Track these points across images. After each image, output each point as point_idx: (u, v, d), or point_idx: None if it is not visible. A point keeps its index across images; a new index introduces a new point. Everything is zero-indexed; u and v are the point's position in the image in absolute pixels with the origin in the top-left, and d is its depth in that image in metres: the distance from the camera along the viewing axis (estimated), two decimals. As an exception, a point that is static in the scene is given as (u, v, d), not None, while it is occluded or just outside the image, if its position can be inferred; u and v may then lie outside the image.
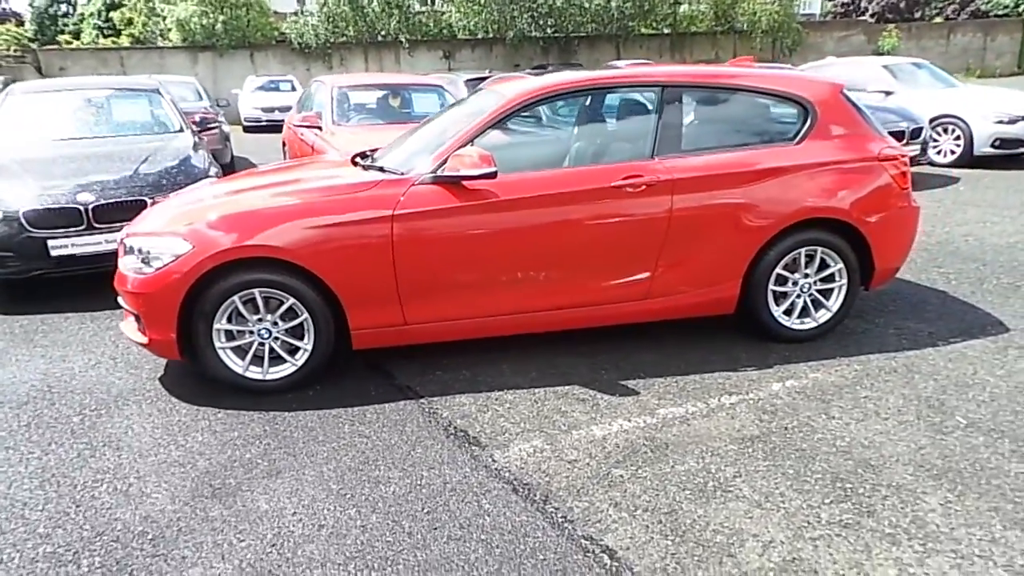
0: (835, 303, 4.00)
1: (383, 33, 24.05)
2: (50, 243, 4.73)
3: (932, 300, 4.66)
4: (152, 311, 3.34)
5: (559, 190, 3.57)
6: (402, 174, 3.55)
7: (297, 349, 3.50)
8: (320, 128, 7.00)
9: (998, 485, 2.65)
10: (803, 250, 3.87)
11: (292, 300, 3.39)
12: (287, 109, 13.09)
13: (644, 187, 3.60)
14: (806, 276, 3.93)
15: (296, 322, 3.45)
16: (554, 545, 2.38)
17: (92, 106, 6.44)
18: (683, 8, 26.87)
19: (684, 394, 3.44)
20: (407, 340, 3.64)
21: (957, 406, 3.25)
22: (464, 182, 3.45)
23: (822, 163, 3.83)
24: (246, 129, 18.88)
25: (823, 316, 4.01)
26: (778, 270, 3.86)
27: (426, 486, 2.73)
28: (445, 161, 3.45)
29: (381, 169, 3.72)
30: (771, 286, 3.88)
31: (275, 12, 26.03)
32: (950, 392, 3.39)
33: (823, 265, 3.94)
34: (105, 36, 31.04)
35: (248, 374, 3.47)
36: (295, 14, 24.41)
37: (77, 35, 35.09)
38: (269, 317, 3.43)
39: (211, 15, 21.75)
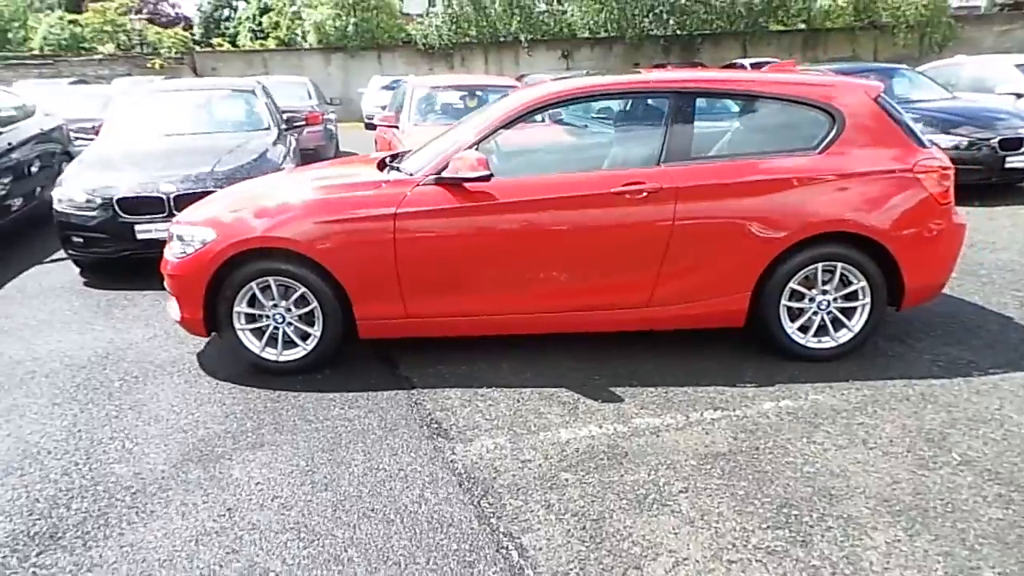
0: (857, 323, 3.78)
1: (504, 33, 24.52)
2: (137, 227, 5.35)
3: (992, 326, 4.27)
4: (183, 292, 3.74)
5: (558, 194, 3.63)
6: (410, 175, 3.74)
7: (308, 335, 3.79)
8: (398, 127, 7.37)
9: (962, 529, 2.46)
10: (820, 265, 3.69)
11: (303, 289, 3.68)
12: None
13: (646, 194, 3.58)
14: (824, 293, 3.75)
15: (307, 309, 3.73)
16: (472, 538, 2.48)
17: (198, 105, 7.15)
18: (819, 3, 25.36)
19: (668, 405, 3.41)
20: (409, 333, 3.84)
21: (959, 442, 3.01)
22: (465, 184, 3.59)
23: (845, 174, 3.64)
24: (368, 126, 19.92)
25: (843, 336, 3.80)
26: (793, 285, 3.71)
27: (382, 471, 2.91)
28: (447, 164, 3.61)
29: (397, 170, 3.93)
30: (784, 301, 3.73)
31: (405, 14, 27.28)
32: (959, 426, 3.13)
33: (845, 282, 3.73)
34: (257, 39, 33.67)
35: (264, 354, 3.79)
36: (423, 15, 25.42)
37: (235, 37, 38.32)
38: (283, 303, 3.74)
39: (344, 18, 23.12)
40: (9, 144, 6.82)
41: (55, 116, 8.22)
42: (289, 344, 3.81)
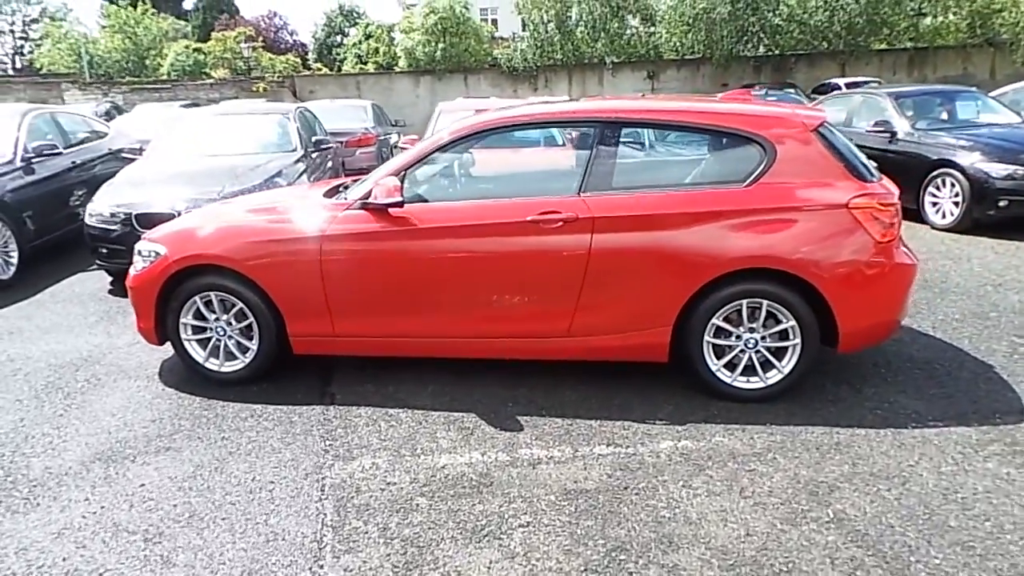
0: (788, 364, 3.60)
1: (589, 55, 24.62)
2: (151, 242, 5.80)
3: (964, 374, 3.92)
4: (138, 302, 4.06)
5: (476, 221, 3.69)
6: (344, 200, 3.91)
7: (248, 348, 4.01)
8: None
9: (786, 591, 2.31)
10: (745, 302, 3.54)
11: (241, 304, 3.92)
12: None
13: (561, 223, 3.57)
14: (752, 331, 3.59)
15: (246, 323, 3.96)
16: (297, 554, 2.57)
17: (236, 128, 7.69)
18: (927, 20, 23.86)
19: (565, 438, 3.37)
20: (337, 351, 4.00)
21: (845, 498, 2.81)
22: (389, 210, 3.72)
23: (770, 208, 3.48)
24: (446, 146, 20.54)
25: (773, 376, 3.62)
26: (717, 322, 3.58)
27: (257, 483, 3.05)
28: (371, 191, 3.75)
29: (342, 196, 4.11)
30: (708, 338, 3.60)
31: (497, 38, 27.94)
32: (856, 481, 2.92)
33: (775, 321, 3.56)
34: (362, 63, 35.38)
35: (207, 364, 4.05)
36: (510, 39, 25.96)
37: (343, 62, 40.47)
38: (224, 317, 3.98)
39: (433, 44, 23.97)
40: (73, 163, 7.61)
41: (127, 137, 9.04)
42: (230, 356, 4.04)
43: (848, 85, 19.37)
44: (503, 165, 4.28)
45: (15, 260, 6.46)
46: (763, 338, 3.60)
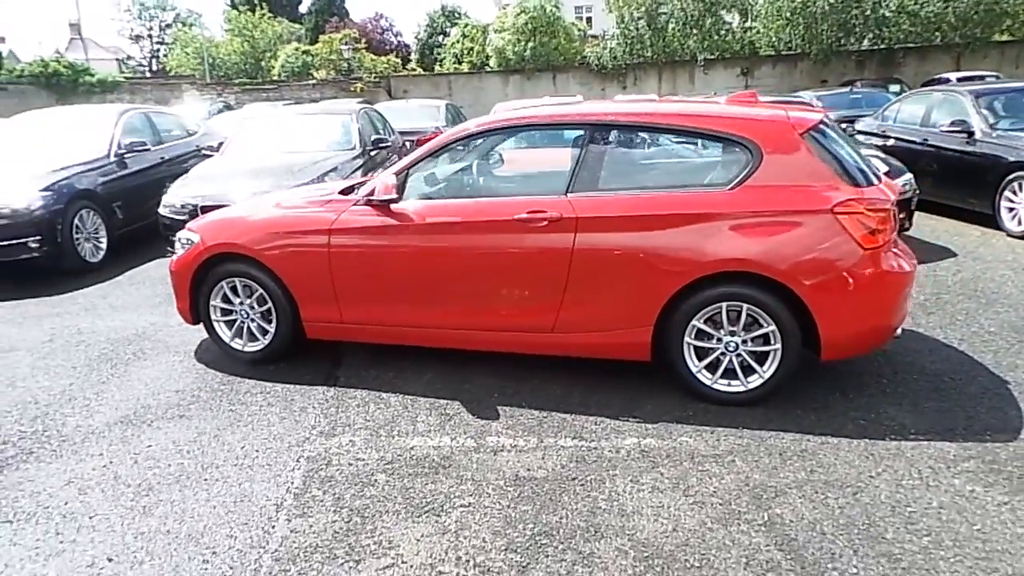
0: (768, 369, 3.57)
1: (680, 52, 24.16)
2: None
3: (971, 390, 3.75)
4: (177, 285, 4.51)
5: (467, 218, 3.87)
6: (353, 197, 4.19)
7: (268, 331, 4.38)
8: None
9: (689, 585, 2.37)
10: (725, 305, 3.54)
11: (260, 290, 4.28)
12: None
13: (546, 223, 3.70)
14: (732, 334, 3.58)
15: (266, 308, 4.33)
16: (255, 514, 2.85)
17: (303, 128, 8.21)
18: (1059, 9, 21.83)
19: (536, 429, 3.50)
20: (344, 337, 4.29)
21: (788, 503, 2.80)
22: (391, 206, 3.97)
23: (752, 212, 3.47)
24: (529, 144, 20.79)
25: (754, 381, 3.60)
26: (698, 324, 3.60)
27: (243, 450, 3.37)
28: (375, 188, 4.01)
29: (352, 192, 4.40)
30: (688, 339, 3.63)
31: (588, 36, 27.89)
32: (806, 488, 2.90)
33: (757, 325, 3.55)
34: (459, 63, 36.19)
35: (232, 344, 4.45)
36: (600, 37, 25.85)
37: (442, 62, 41.48)
38: (247, 301, 4.37)
39: (522, 43, 24.26)
40: (162, 158, 8.38)
41: (216, 135, 9.80)
42: (252, 337, 4.43)
43: (960, 79, 18.07)
44: (504, 165, 4.44)
45: (104, 245, 7.22)
46: (744, 342, 3.59)
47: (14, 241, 6.34)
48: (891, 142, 8.81)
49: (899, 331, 3.68)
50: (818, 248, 3.41)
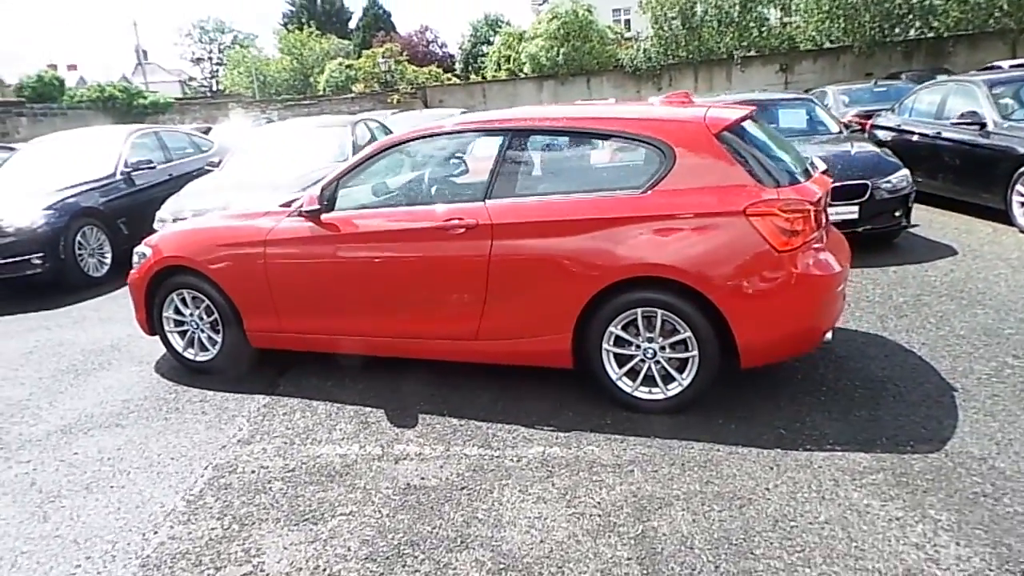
0: (687, 376, 3.46)
1: (716, 51, 23.71)
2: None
3: (911, 398, 3.54)
4: (134, 297, 4.67)
5: (390, 227, 3.89)
6: (288, 208, 4.26)
7: (216, 341, 4.49)
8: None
9: (530, 599, 2.31)
10: (640, 311, 3.45)
11: (207, 301, 4.40)
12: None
13: (464, 230, 3.68)
14: (650, 341, 3.49)
15: (213, 318, 4.44)
16: (142, 520, 2.92)
17: (299, 141, 8.40)
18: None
19: (448, 437, 3.48)
20: (285, 345, 4.35)
21: (669, 515, 2.71)
22: (321, 216, 4.02)
23: (662, 215, 3.37)
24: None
25: (673, 388, 3.50)
26: (615, 330, 3.52)
27: (160, 458, 3.46)
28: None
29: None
30: (606, 345, 3.56)
31: (625, 38, 27.66)
32: (695, 500, 2.80)
33: (675, 331, 3.44)
34: (499, 70, 36.44)
35: (185, 354, 4.58)
36: (633, 38, 25.61)
37: (484, 71, 41.80)
38: (196, 312, 4.49)
39: (555, 48, 24.25)
40: (170, 175, 8.69)
41: (225, 151, 10.10)
42: (203, 347, 4.54)
43: (1013, 67, 17.16)
44: (431, 173, 4.46)
45: (108, 260, 7.54)
46: (663, 348, 3.49)
47: (18, 258, 6.68)
48: (914, 136, 8.39)
49: (829, 335, 3.51)
50: (730, 251, 3.29)
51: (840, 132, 7.52)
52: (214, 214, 4.91)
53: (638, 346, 3.52)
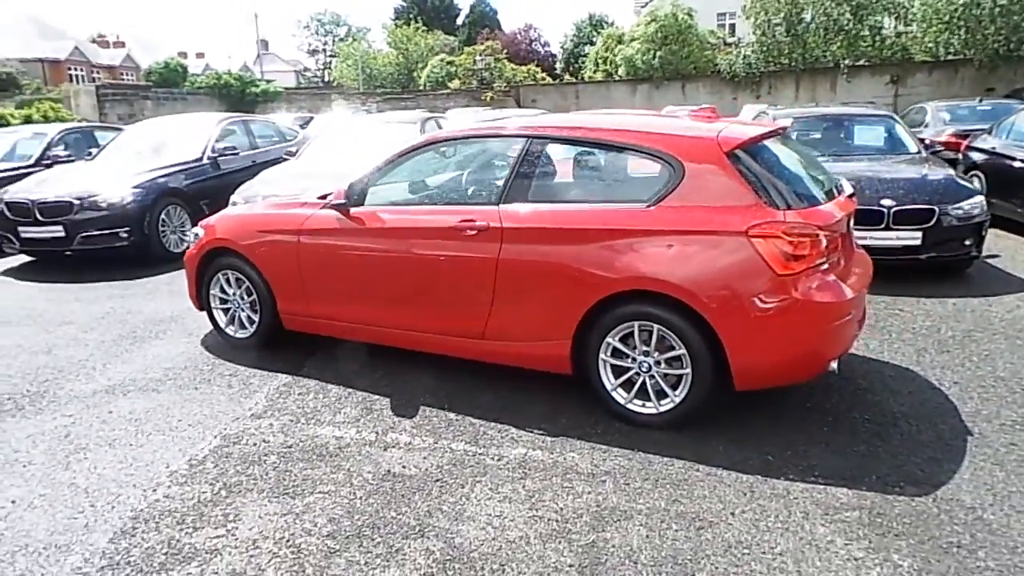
0: (680, 393, 3.44)
1: (822, 59, 22.72)
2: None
3: (921, 438, 3.37)
4: (188, 275, 5.06)
5: (410, 224, 4.06)
6: (324, 200, 4.50)
7: (255, 320, 4.80)
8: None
9: (462, 592, 2.39)
10: (636, 324, 3.46)
11: (247, 282, 4.71)
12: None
13: (476, 231, 3.80)
14: (646, 355, 3.48)
15: (252, 298, 4.75)
16: (147, 477, 3.20)
17: (370, 136, 8.74)
18: None
19: (440, 430, 3.60)
20: (313, 329, 4.60)
21: (621, 531, 2.73)
22: (351, 210, 4.24)
23: (665, 230, 3.36)
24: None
25: (666, 404, 3.48)
26: (613, 341, 3.54)
27: (180, 423, 3.76)
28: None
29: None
30: (603, 356, 3.58)
31: (727, 43, 26.94)
32: (653, 518, 2.80)
33: (671, 347, 3.43)
34: (596, 72, 36.29)
35: (227, 330, 4.92)
36: (734, 43, 24.89)
37: (582, 71, 41.68)
38: (238, 292, 4.81)
39: (651, 52, 23.92)
40: (253, 161, 9.25)
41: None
42: (242, 325, 4.87)
43: None
44: (454, 174, 4.59)
45: (189, 238, 8.11)
46: (658, 363, 3.47)
47: (108, 231, 7.33)
48: (1014, 162, 7.82)
49: (834, 365, 3.38)
50: (729, 271, 3.24)
51: (917, 152, 7.11)
52: (262, 202, 5.23)
53: (634, 359, 3.52)
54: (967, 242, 5.95)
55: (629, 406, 3.57)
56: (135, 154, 8.54)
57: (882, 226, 5.80)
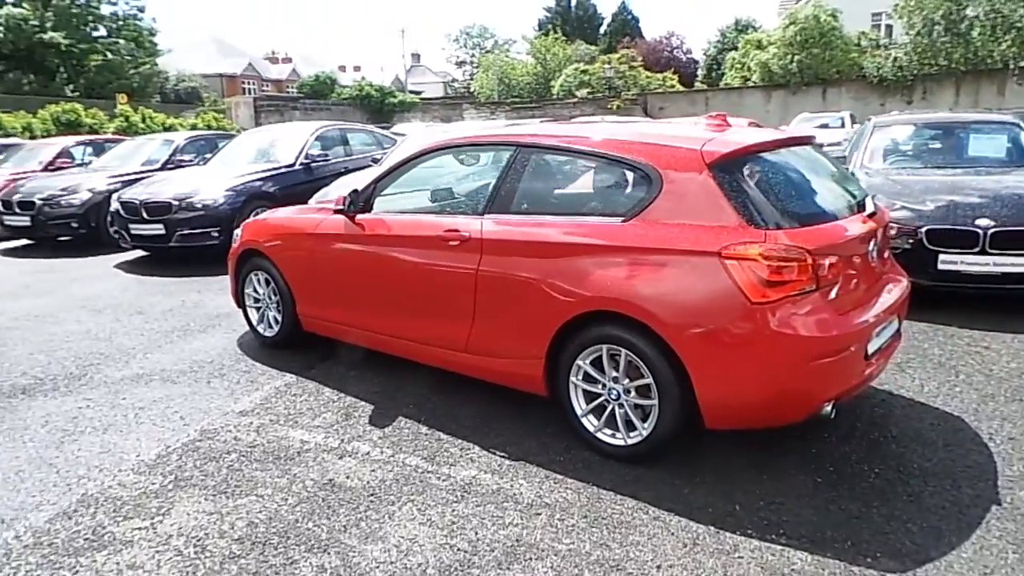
0: (648, 425, 3.12)
1: (989, 60, 20.34)
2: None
3: (933, 501, 2.84)
4: (230, 273, 5.32)
5: (403, 233, 4.00)
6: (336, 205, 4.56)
7: (279, 320, 4.97)
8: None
9: (326, 617, 2.28)
10: (605, 348, 3.19)
11: (273, 283, 4.88)
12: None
13: (458, 242, 3.68)
14: (616, 381, 3.20)
15: (277, 299, 4.91)
16: (117, 462, 3.36)
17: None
18: None
19: (404, 444, 3.50)
20: (327, 332, 4.66)
21: (531, 568, 2.50)
22: (356, 216, 4.27)
23: (635, 247, 3.07)
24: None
25: (635, 437, 3.18)
26: (583, 365, 3.29)
27: (174, 413, 3.93)
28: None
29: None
30: (574, 379, 3.34)
31: (879, 45, 24.85)
32: (572, 559, 2.54)
33: (640, 375, 3.13)
34: (735, 78, 34.83)
35: (258, 328, 5.13)
36: (884, 46, 22.87)
37: (723, 78, 40.15)
38: (266, 292, 5.00)
39: (788, 56, 22.53)
40: (346, 168, 9.65)
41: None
42: (269, 324, 5.05)
43: None
44: (443, 183, 4.48)
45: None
46: (627, 391, 3.18)
47: (200, 230, 7.92)
48: None
49: (829, 408, 2.93)
50: (698, 295, 2.90)
51: (1045, 165, 6.10)
52: (291, 207, 5.40)
53: (604, 385, 3.25)
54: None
55: (598, 435, 3.30)
56: (238, 159, 9.19)
57: (976, 250, 5.02)
